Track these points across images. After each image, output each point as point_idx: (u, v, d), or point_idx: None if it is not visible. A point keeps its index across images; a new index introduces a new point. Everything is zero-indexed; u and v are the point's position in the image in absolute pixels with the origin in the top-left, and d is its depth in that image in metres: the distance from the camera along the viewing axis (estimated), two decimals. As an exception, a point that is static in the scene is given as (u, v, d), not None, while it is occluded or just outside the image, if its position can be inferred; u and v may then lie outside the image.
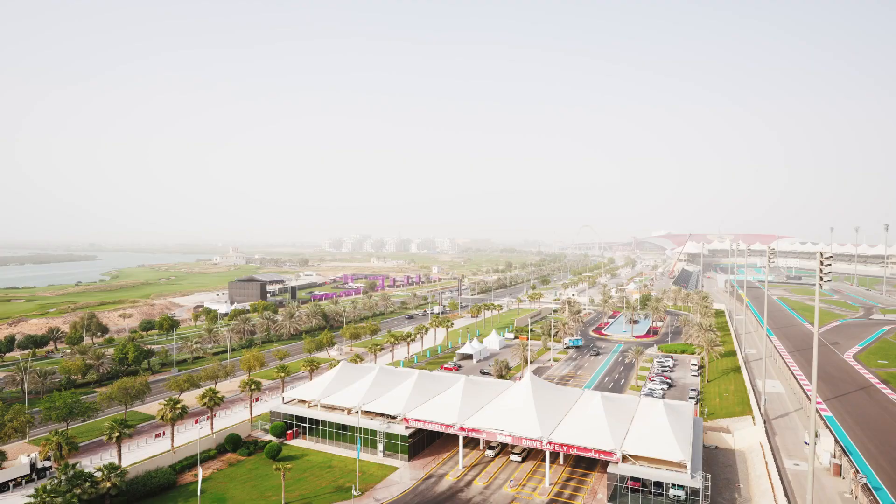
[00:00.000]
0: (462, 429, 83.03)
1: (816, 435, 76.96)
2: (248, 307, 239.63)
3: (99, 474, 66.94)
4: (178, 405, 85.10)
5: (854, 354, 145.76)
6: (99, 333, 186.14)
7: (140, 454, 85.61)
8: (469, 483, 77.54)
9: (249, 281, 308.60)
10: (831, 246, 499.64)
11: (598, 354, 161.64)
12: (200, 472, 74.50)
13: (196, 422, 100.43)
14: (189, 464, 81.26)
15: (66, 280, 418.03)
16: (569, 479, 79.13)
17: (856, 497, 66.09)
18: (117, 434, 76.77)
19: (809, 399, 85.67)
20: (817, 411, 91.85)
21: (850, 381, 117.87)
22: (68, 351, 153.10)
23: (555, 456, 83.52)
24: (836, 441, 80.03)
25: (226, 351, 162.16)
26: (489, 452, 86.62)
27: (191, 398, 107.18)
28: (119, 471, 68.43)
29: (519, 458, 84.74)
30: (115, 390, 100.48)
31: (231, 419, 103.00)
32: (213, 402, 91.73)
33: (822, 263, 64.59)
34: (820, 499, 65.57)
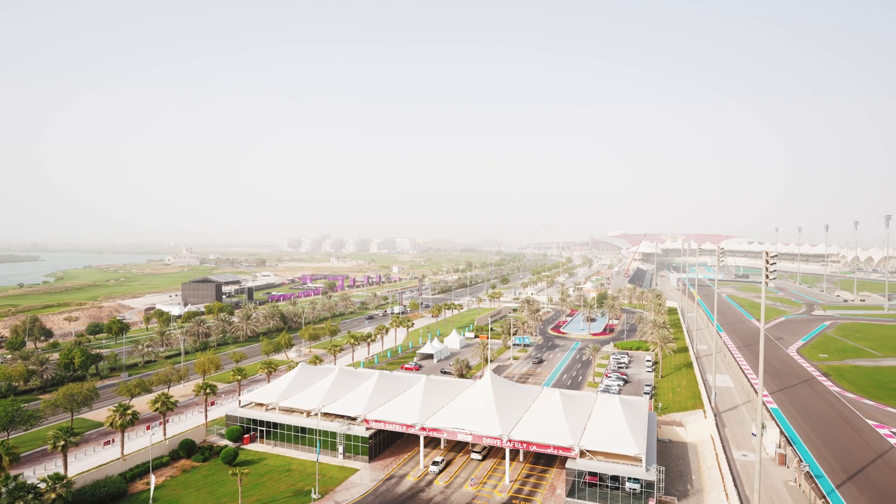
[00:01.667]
0: (423, 428, 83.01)
1: (763, 427, 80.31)
2: (203, 309, 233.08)
3: (43, 485, 63.87)
4: (129, 411, 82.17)
5: (797, 349, 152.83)
6: (42, 338, 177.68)
7: (88, 463, 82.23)
8: (430, 483, 77.59)
9: (204, 282, 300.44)
10: (776, 245, 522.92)
11: (540, 362, 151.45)
12: (153, 479, 72.29)
13: (148, 428, 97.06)
14: (140, 471, 78.53)
15: (7, 282, 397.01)
16: (528, 476, 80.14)
17: (799, 485, 69.29)
18: (63, 442, 73.48)
19: (756, 392, 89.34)
20: (763, 404, 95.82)
21: (794, 374, 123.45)
22: (9, 356, 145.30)
23: (515, 453, 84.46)
24: (781, 432, 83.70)
25: (179, 354, 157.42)
26: (433, 468, 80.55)
27: (142, 403, 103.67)
28: (65, 481, 65.48)
29: (479, 457, 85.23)
30: (60, 397, 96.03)
31: (185, 424, 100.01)
32: (166, 407, 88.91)
33: (767, 262, 67.31)
34: (766, 487, 68.41)
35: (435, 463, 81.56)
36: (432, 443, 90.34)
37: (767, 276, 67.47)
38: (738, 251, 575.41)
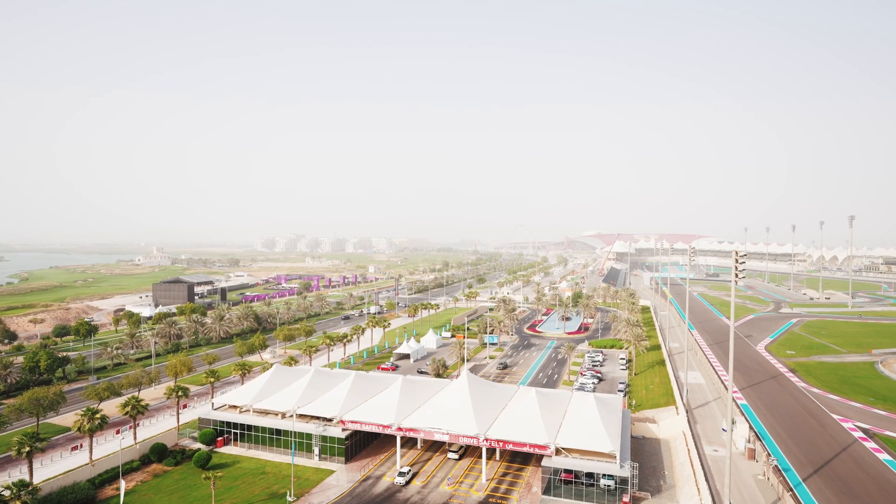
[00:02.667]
0: (400, 429, 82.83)
1: (733, 422, 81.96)
2: (175, 310, 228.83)
3: (7, 493, 62.02)
4: (97, 415, 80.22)
5: (766, 346, 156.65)
6: (6, 340, 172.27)
7: (54, 469, 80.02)
8: (407, 483, 77.42)
9: (175, 282, 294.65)
10: (745, 245, 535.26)
11: (505, 367, 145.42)
12: (123, 485, 70.75)
13: (117, 432, 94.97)
14: (110, 477, 76.81)
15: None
16: (505, 475, 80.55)
17: (768, 478, 71.03)
18: (28, 448, 71.36)
19: (727, 388, 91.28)
20: (734, 400, 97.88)
21: (763, 370, 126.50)
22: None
23: (491, 452, 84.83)
24: (751, 427, 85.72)
25: (150, 356, 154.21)
26: (399, 479, 76.93)
27: (111, 407, 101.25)
28: (30, 488, 63.74)
29: (456, 456, 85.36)
30: (25, 401, 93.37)
31: (156, 428, 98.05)
32: (136, 411, 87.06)
33: (737, 261, 68.85)
34: (736, 482, 69.94)
35: (401, 474, 77.67)
36: (409, 443, 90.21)
37: (737, 275, 69.01)
38: (709, 251, 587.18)
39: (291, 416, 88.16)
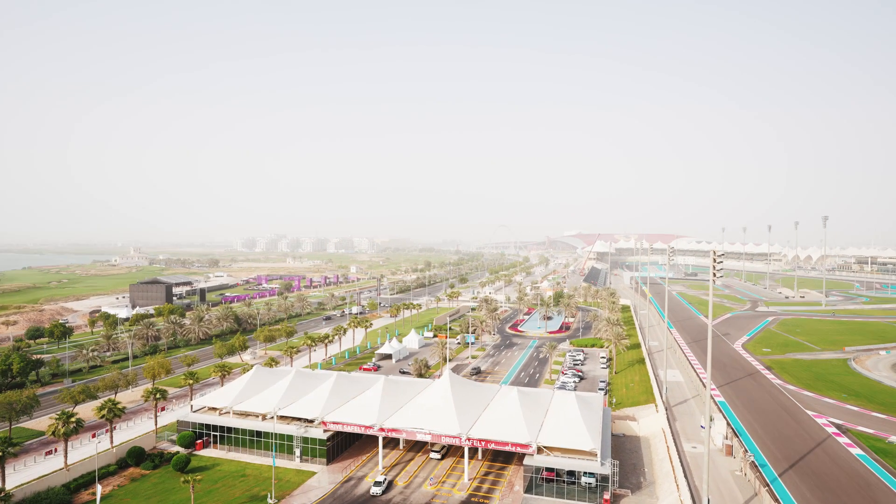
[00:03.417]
0: (382, 429, 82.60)
1: (711, 419, 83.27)
2: (152, 311, 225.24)
3: (-22, 499, 60.65)
4: (73, 419, 78.77)
5: (742, 344, 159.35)
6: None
7: (28, 474, 78.26)
8: (384, 492, 77.03)
9: (153, 283, 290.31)
10: (723, 245, 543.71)
11: (478, 373, 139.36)
12: (99, 489, 69.53)
13: (93, 436, 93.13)
14: (86, 481, 75.33)
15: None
16: (487, 474, 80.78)
17: (745, 474, 72.27)
18: (0, 453, 69.77)
19: (705, 386, 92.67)
20: (711, 397, 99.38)
21: (740, 368, 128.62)
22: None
23: (473, 451, 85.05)
24: (728, 424, 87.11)
25: (127, 358, 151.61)
26: (375, 489, 73.80)
27: (87, 410, 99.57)
28: (3, 494, 62.41)
29: (438, 456, 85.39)
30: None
31: (134, 431, 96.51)
32: (113, 414, 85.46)
33: (714, 261, 69.94)
34: (714, 477, 71.05)
35: (377, 483, 74.63)
36: (392, 443, 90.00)
37: (715, 275, 70.09)
38: (688, 250, 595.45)
39: (272, 417, 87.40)
